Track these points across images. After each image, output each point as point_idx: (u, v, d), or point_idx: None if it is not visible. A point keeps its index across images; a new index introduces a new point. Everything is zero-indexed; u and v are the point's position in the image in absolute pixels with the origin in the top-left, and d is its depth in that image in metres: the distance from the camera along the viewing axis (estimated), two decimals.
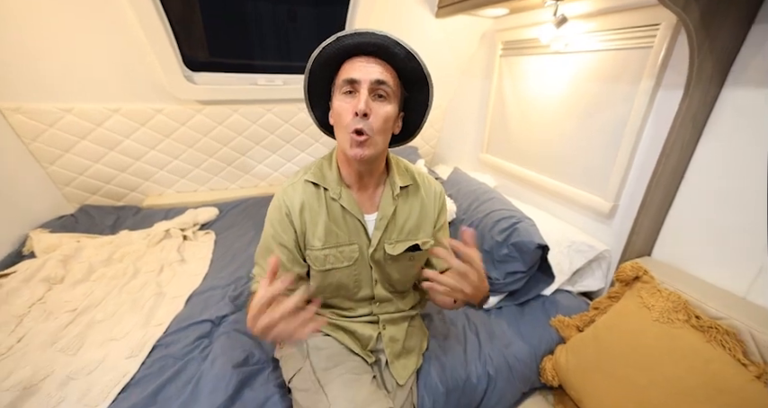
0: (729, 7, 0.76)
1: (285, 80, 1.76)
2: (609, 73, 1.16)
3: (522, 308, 1.23)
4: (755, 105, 0.83)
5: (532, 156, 1.56)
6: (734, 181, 0.88)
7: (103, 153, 1.70)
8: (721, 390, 0.72)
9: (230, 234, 1.68)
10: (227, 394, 0.85)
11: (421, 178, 0.90)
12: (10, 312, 1.09)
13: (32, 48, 1.35)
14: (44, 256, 1.35)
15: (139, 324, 1.09)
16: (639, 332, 0.87)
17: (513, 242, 1.18)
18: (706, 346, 0.77)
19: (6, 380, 0.85)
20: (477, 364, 1.01)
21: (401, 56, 0.70)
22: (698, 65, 0.81)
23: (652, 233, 1.06)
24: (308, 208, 0.80)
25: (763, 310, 0.83)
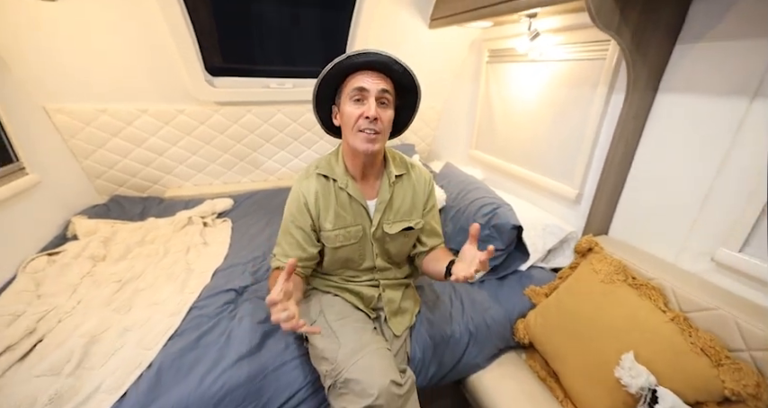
0: (654, 31, 0.96)
1: (294, 83, 1.96)
2: (574, 79, 1.36)
3: (502, 281, 1.42)
4: (682, 107, 1.03)
5: (514, 152, 1.76)
6: (668, 171, 1.08)
7: (131, 149, 1.90)
8: (645, 330, 0.92)
9: (245, 221, 1.87)
10: (254, 342, 1.06)
11: (413, 168, 1.10)
12: (66, 282, 1.29)
13: (76, 56, 1.55)
14: (86, 238, 1.55)
15: (175, 292, 1.28)
16: (589, 292, 1.07)
17: (494, 224, 1.37)
18: (638, 299, 0.97)
19: (77, 330, 1.05)
20: (460, 323, 1.21)
21: (399, 71, 0.90)
22: (634, 75, 1.01)
23: (607, 215, 1.26)
24: (321, 197, 1.00)
25: (685, 272, 1.02)
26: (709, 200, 0.97)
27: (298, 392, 1.00)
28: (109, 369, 0.94)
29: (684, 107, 1.02)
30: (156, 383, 0.92)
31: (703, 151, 0.98)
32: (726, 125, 0.92)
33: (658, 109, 1.07)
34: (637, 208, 1.19)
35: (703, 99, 0.97)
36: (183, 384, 0.93)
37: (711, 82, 0.95)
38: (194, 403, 0.90)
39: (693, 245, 1.02)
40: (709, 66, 0.95)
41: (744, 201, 0.89)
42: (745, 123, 0.88)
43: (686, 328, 0.88)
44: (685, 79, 1.01)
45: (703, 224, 0.99)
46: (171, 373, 0.95)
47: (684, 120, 1.02)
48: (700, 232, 1.00)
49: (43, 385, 0.87)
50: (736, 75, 0.89)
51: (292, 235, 1.01)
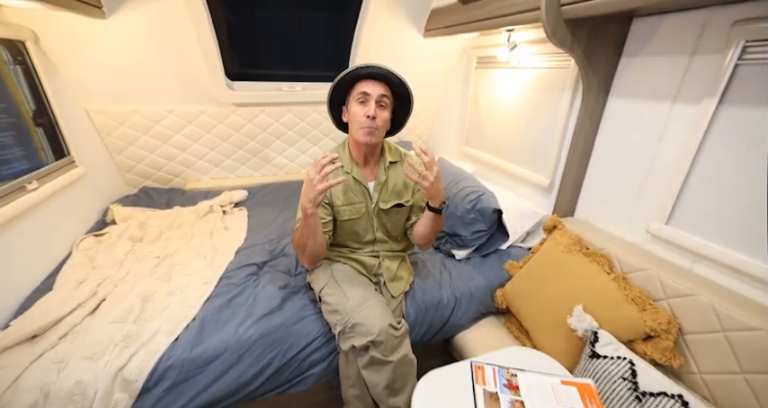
0: (601, 48, 1.18)
1: (303, 86, 2.19)
2: (546, 84, 1.59)
3: (485, 258, 1.65)
4: (627, 109, 1.25)
5: (498, 147, 1.99)
6: (618, 161, 1.31)
7: (158, 145, 2.13)
8: (592, 288, 1.15)
9: (259, 210, 2.10)
10: (275, 303, 1.28)
11: (406, 156, 1.33)
12: (114, 257, 1.52)
13: (117, 64, 1.77)
14: (124, 223, 1.78)
15: (206, 266, 1.51)
16: (552, 261, 1.30)
17: (478, 208, 1.60)
18: (589, 264, 1.20)
19: (131, 292, 1.28)
20: (447, 290, 1.44)
21: (396, 82, 1.13)
22: (587, 82, 1.24)
23: (573, 199, 1.48)
24: (332, 179, 1.23)
25: (628, 243, 1.25)
26: (646, 185, 1.20)
27: (313, 341, 1.23)
28: (162, 320, 1.17)
29: (629, 108, 1.24)
30: (201, 330, 1.15)
31: (641, 144, 1.21)
32: (656, 123, 1.15)
33: (609, 110, 1.30)
34: (595, 193, 1.42)
35: (641, 102, 1.19)
36: (222, 332, 1.16)
37: (646, 88, 1.17)
38: (233, 346, 1.13)
39: (634, 221, 1.25)
40: (644, 75, 1.18)
41: (668, 184, 1.12)
42: (669, 123, 1.11)
43: (623, 285, 1.11)
44: (628, 86, 1.23)
45: (642, 204, 1.22)
46: (211, 324, 1.18)
47: (629, 119, 1.25)
48: (639, 210, 1.23)
49: (115, 329, 1.10)
50: (662, 83, 1.12)
51: None
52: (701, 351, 0.97)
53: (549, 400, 0.79)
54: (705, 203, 1.05)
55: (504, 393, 0.80)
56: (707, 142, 1.02)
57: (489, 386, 0.82)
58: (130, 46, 1.72)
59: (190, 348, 1.10)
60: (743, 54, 0.91)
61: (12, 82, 1.36)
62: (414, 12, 1.93)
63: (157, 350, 1.07)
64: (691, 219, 1.09)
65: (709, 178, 1.03)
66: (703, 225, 1.06)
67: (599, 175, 1.39)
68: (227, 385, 1.10)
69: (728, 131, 0.97)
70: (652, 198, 1.18)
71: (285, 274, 1.49)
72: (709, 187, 1.03)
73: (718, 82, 0.96)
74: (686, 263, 1.11)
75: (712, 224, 1.04)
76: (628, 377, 0.96)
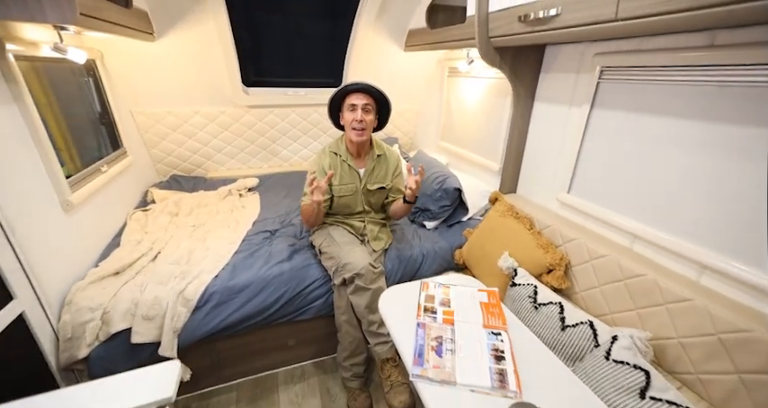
0: (524, 66, 1.62)
1: (306, 92, 2.63)
2: (496, 91, 2.03)
3: (450, 228, 2.09)
4: (545, 111, 1.69)
5: (465, 140, 2.43)
6: (542, 149, 1.75)
7: (185, 140, 2.57)
8: (516, 240, 1.58)
9: (269, 194, 2.54)
10: (285, 255, 1.72)
11: (388, 150, 1.77)
12: (159, 225, 1.96)
13: (158, 74, 2.21)
14: (162, 202, 2.22)
15: (231, 232, 1.95)
16: (492, 224, 1.74)
17: (444, 188, 2.04)
18: (516, 224, 1.64)
19: (179, 248, 1.72)
20: (417, 250, 1.88)
21: (377, 94, 1.57)
22: (516, 91, 1.68)
23: (514, 179, 1.92)
24: (331, 165, 1.67)
25: (546, 209, 1.69)
26: (557, 166, 1.64)
27: (314, 282, 1.67)
28: (204, 264, 1.61)
29: (547, 110, 1.68)
30: (233, 270, 1.59)
31: (555, 136, 1.65)
32: (562, 120, 1.59)
33: (535, 111, 1.74)
34: (528, 174, 1.86)
35: (553, 105, 1.64)
36: (248, 271, 1.60)
37: (556, 95, 1.61)
38: (256, 281, 1.57)
39: (550, 192, 1.69)
40: (554, 86, 1.62)
41: (568, 164, 1.56)
42: (568, 120, 1.55)
43: (537, 237, 1.56)
44: (546, 94, 1.67)
45: (555, 180, 1.66)
46: (240, 267, 1.62)
47: (547, 118, 1.69)
48: (553, 184, 1.67)
49: (173, 268, 1.54)
50: (564, 92, 1.56)
51: None
52: (579, 277, 1.42)
53: (466, 297, 1.23)
54: (590, 176, 1.49)
55: (438, 293, 1.24)
56: (587, 133, 1.46)
57: (430, 291, 1.26)
58: (170, 61, 2.17)
59: (226, 281, 1.54)
60: (601, 75, 1.35)
61: (86, 90, 1.80)
62: (394, 32, 2.38)
63: (204, 281, 1.51)
64: (582, 189, 1.53)
65: (589, 158, 1.47)
66: (590, 192, 1.50)
67: (531, 160, 1.83)
68: (253, 308, 1.55)
69: (597, 125, 1.42)
70: (560, 175, 1.62)
71: (292, 237, 1.93)
72: (591, 164, 1.48)
73: (590, 93, 1.40)
74: (579, 220, 1.56)
75: (596, 191, 1.48)
76: (531, 296, 1.40)
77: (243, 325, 1.56)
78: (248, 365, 1.77)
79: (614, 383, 1.03)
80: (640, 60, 1.21)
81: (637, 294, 1.20)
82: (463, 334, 1.05)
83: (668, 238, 1.20)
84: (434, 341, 1.03)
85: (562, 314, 1.29)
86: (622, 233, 1.36)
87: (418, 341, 1.02)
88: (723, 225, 1.05)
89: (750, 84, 0.95)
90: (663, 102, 1.18)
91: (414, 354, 0.98)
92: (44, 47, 1.37)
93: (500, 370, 0.93)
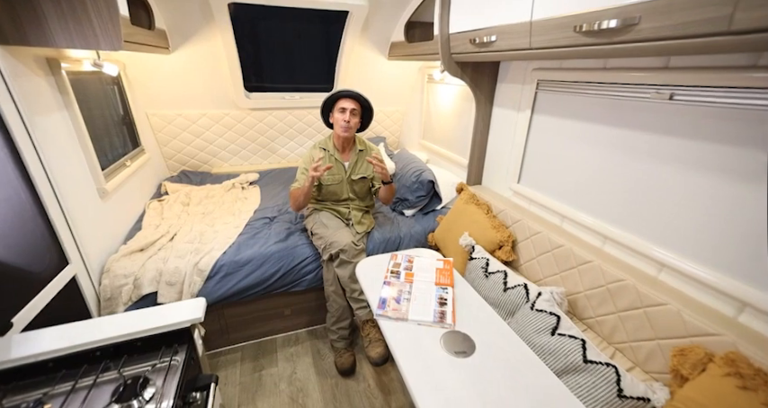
0: (483, 77, 1.93)
1: (301, 96, 2.94)
2: (464, 96, 2.34)
3: (425, 215, 2.41)
4: (502, 114, 2.00)
5: (441, 139, 2.74)
6: (499, 147, 2.06)
7: (193, 139, 2.88)
8: (476, 222, 1.90)
9: (268, 187, 2.85)
10: (282, 236, 2.04)
11: (369, 146, 2.08)
12: (174, 213, 2.27)
13: (171, 81, 2.52)
14: (174, 194, 2.53)
15: (235, 218, 2.26)
16: (458, 210, 2.05)
17: (420, 180, 2.35)
18: (476, 209, 1.95)
19: (192, 230, 2.04)
20: (396, 233, 2.19)
21: (362, 100, 1.88)
22: (477, 97, 1.99)
23: (479, 172, 2.24)
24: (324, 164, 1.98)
25: (502, 196, 2.01)
26: (510, 160, 1.95)
27: (306, 258, 1.98)
28: (214, 243, 1.92)
29: (502, 114, 1.99)
30: (238, 248, 1.91)
31: (508, 135, 1.96)
32: (513, 122, 1.90)
33: (494, 115, 2.05)
34: (490, 168, 2.17)
35: (507, 110, 1.95)
36: (251, 249, 1.91)
37: (509, 102, 1.93)
38: (258, 256, 1.88)
39: (505, 183, 2.00)
40: (506, 95, 1.93)
41: (517, 158, 1.87)
42: (517, 122, 1.86)
43: (492, 220, 1.87)
44: (501, 100, 1.99)
45: (509, 172, 1.97)
46: (244, 246, 1.94)
47: (503, 120, 2.00)
48: (508, 176, 1.98)
49: (188, 246, 1.86)
50: (514, 99, 1.87)
51: (303, 174, 1.98)
52: (523, 251, 1.73)
53: (426, 264, 1.54)
54: (533, 169, 1.81)
55: (404, 262, 1.56)
56: (530, 134, 1.77)
57: (397, 260, 1.57)
58: (182, 70, 2.48)
59: (233, 256, 1.85)
60: (538, 86, 1.67)
61: (111, 96, 2.11)
62: (379, 44, 2.69)
63: (215, 256, 1.82)
64: (528, 179, 1.85)
65: (532, 154, 1.79)
66: (533, 181, 1.82)
67: (491, 156, 2.14)
68: (255, 278, 1.86)
69: (540, 128, 1.73)
70: (512, 168, 1.94)
71: (288, 223, 2.24)
72: (533, 159, 1.79)
73: (531, 100, 1.71)
74: (525, 205, 1.87)
75: (537, 180, 1.79)
76: (483, 267, 1.72)
77: (247, 293, 1.87)
78: (251, 330, 2.08)
79: (535, 326, 1.35)
80: (561, 76, 1.53)
81: (559, 260, 1.52)
82: (418, 288, 1.37)
83: (583, 215, 1.51)
84: (395, 293, 1.34)
85: (505, 280, 1.61)
86: (554, 214, 1.68)
87: (382, 294, 1.34)
88: (619, 204, 1.37)
89: (636, 98, 1.26)
90: (579, 109, 1.49)
91: (378, 302, 1.30)
92: (85, 62, 1.68)
93: (441, 311, 1.25)
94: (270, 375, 1.90)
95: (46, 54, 1.43)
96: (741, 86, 0.95)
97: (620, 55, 1.05)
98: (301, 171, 1.99)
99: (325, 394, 1.79)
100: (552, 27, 1.15)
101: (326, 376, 1.90)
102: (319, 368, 1.95)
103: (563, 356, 1.23)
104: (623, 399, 1.09)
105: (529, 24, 1.24)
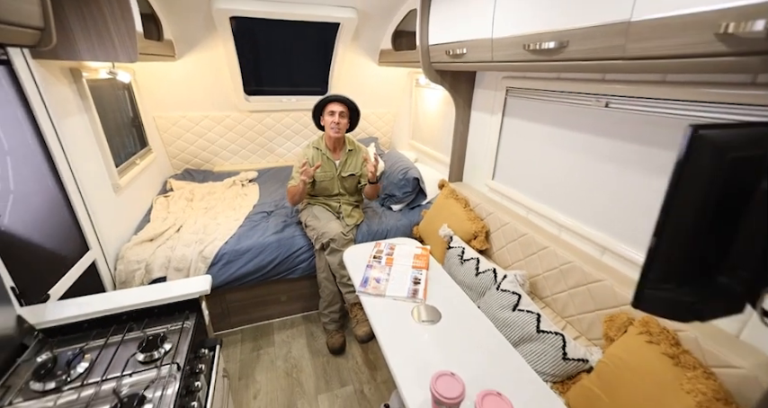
0: (461, 84, 2.13)
1: (297, 99, 3.14)
2: (446, 100, 2.54)
3: (412, 210, 2.60)
4: (480, 117, 2.20)
5: (427, 139, 2.94)
6: (477, 146, 2.25)
7: (195, 140, 3.07)
8: (454, 214, 2.10)
9: (266, 185, 3.04)
10: (279, 228, 2.23)
11: (358, 146, 2.28)
12: (179, 207, 2.46)
13: (176, 86, 2.72)
14: (179, 190, 2.72)
15: (236, 212, 2.45)
16: (439, 204, 2.25)
17: (406, 177, 2.55)
18: (455, 203, 2.15)
19: (196, 223, 2.23)
20: (384, 226, 2.39)
21: (350, 103, 2.08)
22: (457, 102, 2.18)
23: (459, 170, 2.43)
24: (314, 157, 2.18)
25: (478, 191, 2.20)
26: (485, 158, 2.15)
27: (301, 248, 2.17)
28: (217, 234, 2.12)
29: (479, 117, 2.19)
30: (239, 238, 2.10)
31: (484, 136, 2.15)
32: (487, 124, 2.10)
33: (472, 118, 2.25)
34: (469, 166, 2.37)
35: (483, 113, 2.14)
36: (250, 239, 2.10)
37: (484, 106, 2.12)
38: (256, 246, 2.07)
39: (482, 179, 2.20)
40: (482, 100, 2.13)
41: (492, 157, 2.07)
42: (491, 124, 2.06)
43: (469, 212, 2.06)
44: (479, 105, 2.18)
45: (484, 169, 2.17)
46: (244, 236, 2.13)
47: (480, 123, 2.19)
48: (484, 173, 2.18)
49: (193, 236, 2.05)
50: (488, 104, 2.07)
51: (298, 172, 2.18)
52: (495, 240, 1.93)
53: (405, 251, 1.74)
54: (505, 167, 2.00)
55: (386, 249, 1.75)
56: (502, 135, 1.97)
57: (380, 248, 1.77)
58: (186, 76, 2.67)
59: (234, 245, 2.04)
60: (507, 93, 1.87)
61: (122, 100, 2.30)
62: (369, 51, 2.88)
63: (217, 245, 2.01)
64: (501, 176, 2.05)
65: (504, 153, 1.99)
66: (505, 178, 2.01)
67: (471, 155, 2.34)
68: (254, 266, 2.05)
69: (510, 129, 1.93)
70: (488, 166, 2.13)
71: (284, 216, 2.44)
72: (505, 158, 1.99)
73: (502, 105, 1.91)
74: (498, 199, 2.07)
75: (508, 177, 1.99)
76: (459, 255, 1.91)
77: (246, 279, 2.06)
78: (250, 314, 2.28)
79: (499, 303, 1.54)
80: (526, 84, 1.73)
81: (524, 247, 1.72)
82: (396, 271, 1.57)
83: (545, 207, 1.71)
84: (377, 274, 1.54)
85: (477, 266, 1.80)
86: (521, 206, 1.88)
87: (365, 274, 1.53)
88: (575, 197, 1.57)
89: (582, 105, 1.45)
90: (541, 113, 1.69)
91: (361, 280, 1.49)
92: (101, 71, 1.87)
93: (415, 289, 1.45)
94: (267, 354, 2.10)
95: (70, 65, 1.62)
96: (654, 97, 1.15)
97: (560, 70, 1.24)
98: (296, 169, 2.19)
99: (317, 370, 1.99)
100: (508, 44, 1.35)
101: (319, 355, 2.09)
102: (312, 348, 2.14)
103: (520, 328, 1.42)
104: (567, 361, 1.29)
105: (490, 41, 1.44)
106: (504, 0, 1.35)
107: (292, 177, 2.18)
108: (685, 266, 0.58)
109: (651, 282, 0.59)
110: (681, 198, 0.53)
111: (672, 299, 0.59)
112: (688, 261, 0.58)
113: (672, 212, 0.55)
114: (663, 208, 0.54)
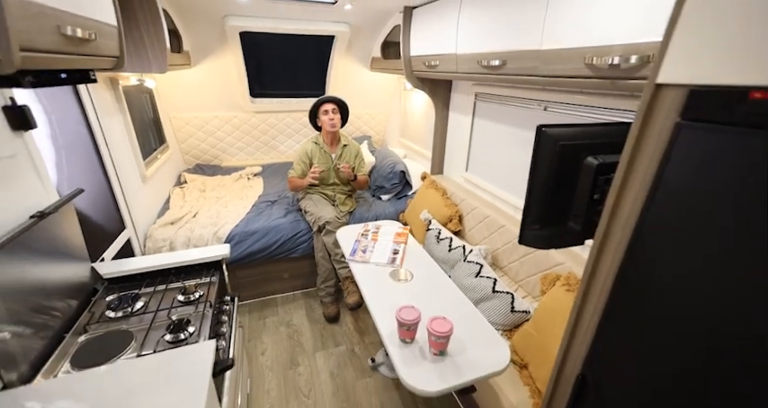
0: (440, 89, 2.45)
1: (297, 101, 3.47)
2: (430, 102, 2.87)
3: (399, 199, 2.93)
4: (457, 118, 2.53)
5: (414, 137, 3.27)
6: (456, 144, 2.58)
7: (206, 138, 3.40)
8: (434, 202, 2.43)
9: (270, 178, 3.37)
10: (282, 214, 2.57)
11: (351, 142, 2.61)
12: (194, 197, 2.79)
13: (189, 89, 3.05)
14: (192, 183, 3.05)
15: (243, 201, 2.79)
16: (422, 193, 2.58)
17: (394, 170, 2.88)
18: (435, 193, 2.48)
19: (210, 209, 2.56)
20: (374, 213, 2.72)
21: (339, 101, 2.42)
22: (436, 104, 2.51)
23: (440, 164, 2.76)
24: (312, 150, 2.51)
25: (455, 182, 2.53)
26: (461, 153, 2.48)
27: (301, 231, 2.51)
28: (228, 218, 2.45)
29: (456, 117, 2.52)
30: (248, 221, 2.43)
31: (461, 135, 2.48)
32: (462, 124, 2.43)
33: (450, 118, 2.58)
34: (448, 160, 2.70)
35: (460, 115, 2.47)
36: (257, 223, 2.44)
37: (459, 108, 2.45)
38: (262, 228, 2.41)
39: (458, 171, 2.53)
40: (458, 102, 2.46)
41: (466, 152, 2.40)
42: (464, 124, 2.39)
43: (445, 200, 2.40)
44: (456, 107, 2.51)
45: (460, 163, 2.50)
46: (252, 221, 2.46)
47: (456, 123, 2.53)
48: (460, 166, 2.51)
49: (208, 220, 2.38)
50: (463, 106, 2.40)
51: (299, 164, 2.51)
52: (467, 223, 2.26)
53: (389, 230, 2.07)
54: (476, 160, 2.33)
55: (372, 228, 2.08)
56: (473, 133, 2.30)
57: (367, 227, 2.10)
58: (199, 80, 3.00)
59: (243, 227, 2.38)
60: (476, 98, 2.20)
61: (146, 103, 2.63)
62: (362, 58, 3.22)
63: (229, 227, 2.35)
64: (473, 168, 2.38)
65: (475, 149, 2.32)
66: (476, 169, 2.35)
67: (449, 151, 2.68)
68: (261, 245, 2.39)
69: (479, 128, 2.26)
70: (462, 160, 2.47)
71: (287, 205, 2.77)
72: (476, 153, 2.32)
73: (472, 107, 2.25)
74: (471, 188, 2.40)
75: (478, 168, 2.32)
76: (437, 235, 2.24)
77: (255, 257, 2.40)
78: (257, 290, 2.61)
79: (465, 272, 1.88)
80: (490, 90, 2.06)
81: (488, 227, 2.05)
82: (380, 244, 1.90)
83: (505, 193, 2.05)
84: (363, 246, 1.87)
85: (450, 243, 2.14)
86: (488, 193, 2.21)
87: (353, 246, 1.87)
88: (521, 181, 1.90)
89: (529, 109, 1.78)
90: (501, 115, 2.02)
91: (350, 251, 1.83)
92: (132, 78, 2.20)
93: (393, 257, 1.78)
94: (272, 322, 2.43)
95: (110, 75, 1.95)
96: (575, 103, 1.49)
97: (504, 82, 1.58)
98: (296, 161, 2.52)
99: (315, 334, 2.32)
100: (468, 59, 1.68)
101: (316, 323, 2.43)
102: (311, 318, 2.48)
103: (480, 290, 1.76)
104: (514, 313, 1.62)
105: (455, 56, 1.77)
106: (464, 23, 1.69)
107: (293, 168, 2.51)
108: (546, 214, 0.92)
109: (527, 225, 0.93)
110: (538, 170, 0.87)
111: (539, 235, 0.93)
112: (548, 211, 0.91)
113: (534, 179, 0.88)
114: (529, 178, 0.87)
